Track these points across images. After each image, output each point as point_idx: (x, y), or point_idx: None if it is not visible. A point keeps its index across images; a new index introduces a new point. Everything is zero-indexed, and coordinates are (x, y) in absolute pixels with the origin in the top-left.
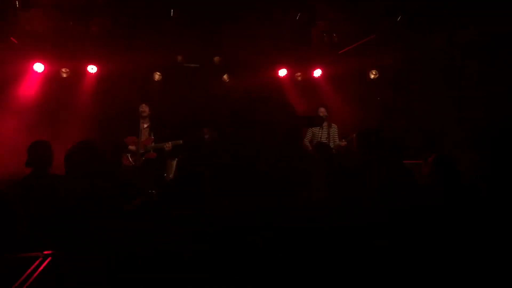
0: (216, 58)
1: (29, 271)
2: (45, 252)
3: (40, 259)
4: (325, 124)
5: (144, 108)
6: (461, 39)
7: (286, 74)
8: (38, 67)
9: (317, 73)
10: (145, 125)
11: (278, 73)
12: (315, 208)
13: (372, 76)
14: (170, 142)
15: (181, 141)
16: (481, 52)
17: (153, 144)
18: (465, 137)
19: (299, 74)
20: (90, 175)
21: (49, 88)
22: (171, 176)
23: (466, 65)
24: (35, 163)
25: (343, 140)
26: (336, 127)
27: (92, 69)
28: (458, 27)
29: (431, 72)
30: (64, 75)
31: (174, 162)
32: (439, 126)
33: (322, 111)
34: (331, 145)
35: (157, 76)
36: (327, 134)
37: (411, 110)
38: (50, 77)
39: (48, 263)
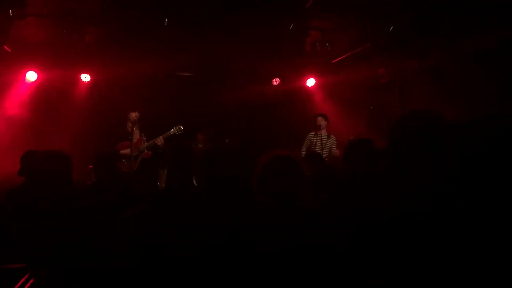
0: None
1: (20, 283)
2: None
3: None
4: (324, 133)
5: (136, 114)
6: (460, 49)
7: (279, 84)
8: (31, 75)
9: (311, 82)
10: (135, 128)
11: (272, 82)
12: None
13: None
14: (161, 136)
15: (170, 132)
16: (483, 61)
17: (145, 143)
18: None
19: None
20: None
21: (42, 96)
22: (163, 185)
23: (464, 74)
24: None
25: (337, 150)
26: (335, 138)
27: (85, 77)
28: (456, 37)
29: (427, 81)
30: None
31: (165, 171)
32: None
33: (319, 119)
34: (325, 154)
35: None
36: (323, 143)
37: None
38: (43, 86)
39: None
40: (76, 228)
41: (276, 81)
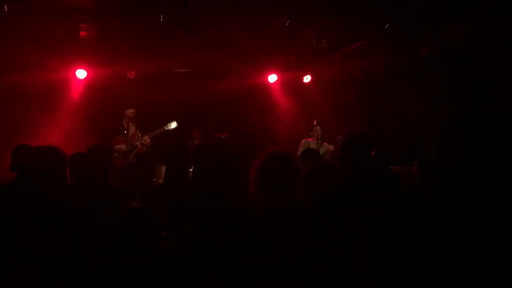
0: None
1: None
2: None
3: None
4: (318, 142)
5: (132, 111)
6: (449, 48)
7: (276, 80)
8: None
9: (307, 79)
10: (130, 124)
11: (267, 79)
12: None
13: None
14: (146, 135)
15: (164, 128)
16: (470, 60)
17: (139, 139)
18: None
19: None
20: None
21: (38, 92)
22: (160, 181)
23: (453, 73)
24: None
25: (331, 144)
26: (326, 146)
27: (81, 74)
28: (446, 35)
29: (419, 79)
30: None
31: (164, 167)
32: (426, 131)
33: (318, 129)
34: (321, 151)
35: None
36: (318, 147)
37: (399, 115)
38: (39, 81)
39: None
40: (70, 224)
41: (273, 78)
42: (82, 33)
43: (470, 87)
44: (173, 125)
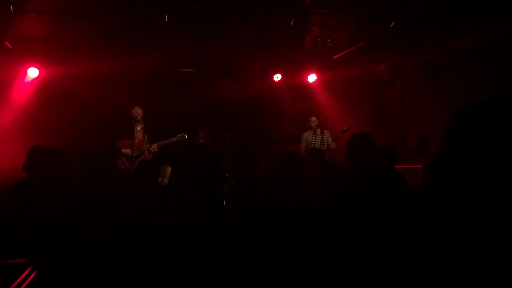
0: None
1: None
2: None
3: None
4: (318, 131)
5: (137, 111)
6: (454, 46)
7: (280, 79)
8: (32, 71)
9: (312, 78)
10: (139, 128)
11: (273, 78)
12: (307, 209)
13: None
14: (155, 144)
15: (174, 139)
16: (474, 58)
17: (146, 145)
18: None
19: None
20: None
21: (43, 92)
22: (165, 181)
23: (459, 71)
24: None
25: (333, 143)
26: (328, 133)
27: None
28: (452, 34)
29: (425, 78)
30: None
31: (169, 168)
32: (432, 131)
33: (313, 120)
34: (325, 140)
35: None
36: (320, 140)
37: (404, 114)
38: (44, 81)
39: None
40: (71, 224)
41: (277, 77)
42: (87, 32)
43: (474, 87)
44: (184, 137)
